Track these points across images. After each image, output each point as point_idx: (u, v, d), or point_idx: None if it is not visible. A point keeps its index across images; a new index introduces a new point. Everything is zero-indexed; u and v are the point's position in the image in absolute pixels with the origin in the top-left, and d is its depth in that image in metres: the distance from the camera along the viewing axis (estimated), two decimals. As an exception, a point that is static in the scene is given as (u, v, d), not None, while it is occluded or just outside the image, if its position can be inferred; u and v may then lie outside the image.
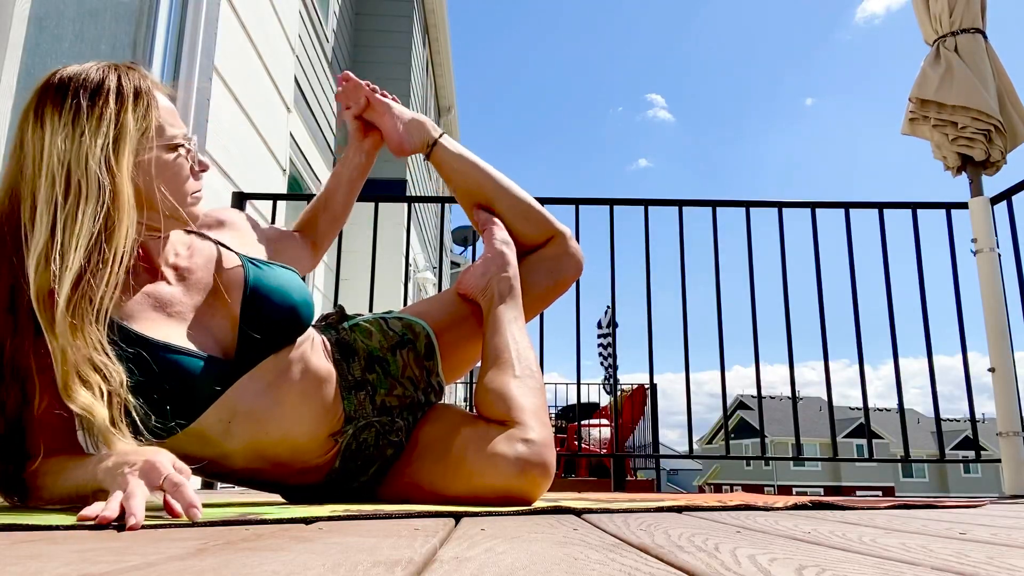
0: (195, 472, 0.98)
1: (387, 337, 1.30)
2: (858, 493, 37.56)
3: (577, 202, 2.65)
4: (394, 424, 1.25)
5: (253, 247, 1.26)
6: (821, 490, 39.12)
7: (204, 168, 1.13)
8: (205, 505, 1.00)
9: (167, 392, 1.00)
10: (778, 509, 1.12)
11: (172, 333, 1.05)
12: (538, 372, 1.28)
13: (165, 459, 0.82)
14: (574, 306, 2.59)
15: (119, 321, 0.99)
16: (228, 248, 1.19)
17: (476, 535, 0.68)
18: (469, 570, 0.46)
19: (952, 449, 38.58)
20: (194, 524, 0.76)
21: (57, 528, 0.71)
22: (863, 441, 37.29)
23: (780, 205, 2.69)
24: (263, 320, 1.11)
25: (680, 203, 2.71)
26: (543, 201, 1.71)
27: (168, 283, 1.10)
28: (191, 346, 1.05)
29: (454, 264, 12.86)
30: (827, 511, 1.14)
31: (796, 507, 1.16)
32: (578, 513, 0.98)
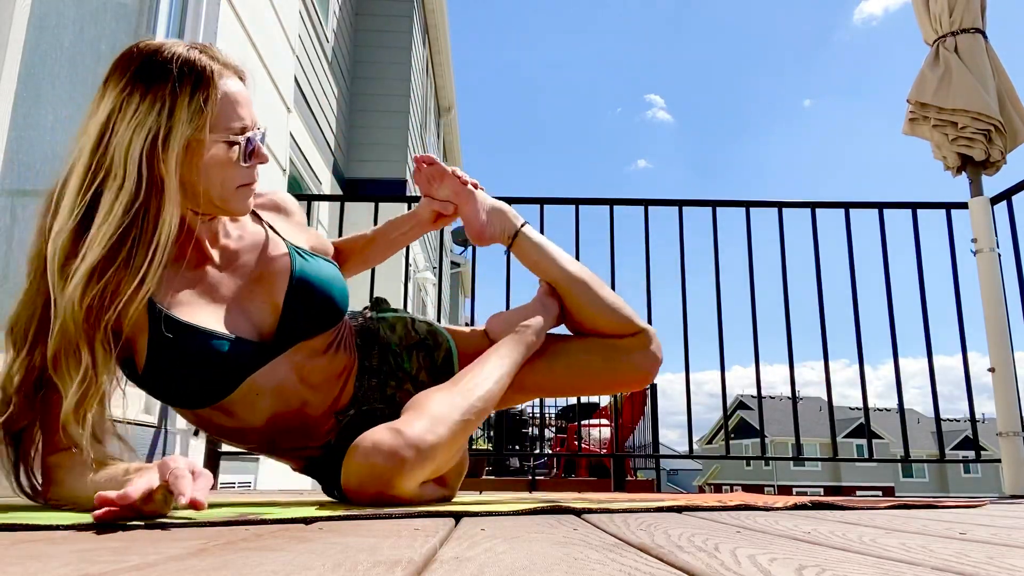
0: (215, 438, 1.03)
1: (408, 335, 1.33)
2: (858, 493, 37.56)
3: (577, 202, 2.65)
4: (396, 416, 1.25)
5: (299, 237, 1.29)
6: (821, 490, 39.12)
7: (261, 160, 1.12)
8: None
9: (201, 372, 1.06)
10: (778, 509, 1.12)
11: (210, 317, 1.08)
12: (477, 402, 1.17)
13: (181, 461, 0.83)
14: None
15: (159, 304, 1.03)
16: (278, 234, 1.23)
17: (476, 535, 0.68)
18: (469, 570, 0.46)
19: (952, 449, 38.57)
20: (194, 524, 0.76)
21: (57, 528, 0.71)
22: (863, 441, 37.29)
23: (780, 205, 2.69)
24: (305, 309, 1.16)
25: (680, 203, 2.71)
26: (543, 201, 1.71)
27: (214, 265, 1.14)
28: (226, 330, 1.09)
29: (454, 264, 12.86)
30: (827, 511, 1.14)
31: (796, 507, 1.16)
32: (578, 513, 0.98)
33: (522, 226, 1.47)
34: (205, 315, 1.08)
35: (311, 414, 1.20)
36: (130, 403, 2.00)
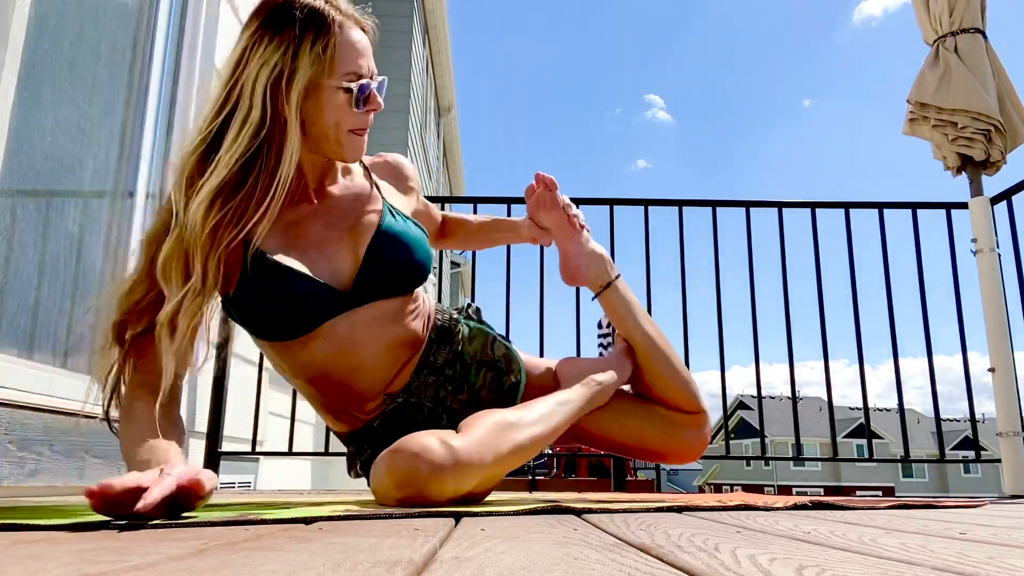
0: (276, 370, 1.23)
1: (483, 352, 1.35)
2: (858, 493, 37.55)
3: (577, 202, 2.65)
4: (441, 420, 1.28)
5: (402, 200, 1.36)
6: (821, 490, 39.11)
7: (374, 107, 1.18)
8: (205, 506, 1.00)
9: (280, 308, 1.14)
10: (778, 509, 1.12)
11: (299, 258, 1.15)
12: (528, 441, 1.18)
13: (182, 469, 0.84)
14: (574, 306, 2.59)
15: (254, 241, 1.11)
16: (380, 193, 1.29)
17: (476, 535, 0.68)
18: (469, 570, 0.46)
19: (952, 449, 38.56)
20: (194, 524, 0.76)
21: (57, 528, 0.71)
22: (863, 441, 37.27)
23: (780, 205, 2.69)
24: (384, 265, 1.21)
25: (680, 203, 2.71)
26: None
27: (314, 209, 1.22)
28: (309, 272, 1.15)
29: (454, 264, 12.85)
30: (827, 511, 1.13)
31: (796, 507, 1.16)
32: (578, 513, 0.98)
33: (616, 278, 1.48)
34: (294, 255, 1.15)
35: (360, 380, 1.23)
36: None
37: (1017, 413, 2.38)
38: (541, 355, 1.85)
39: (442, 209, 2.91)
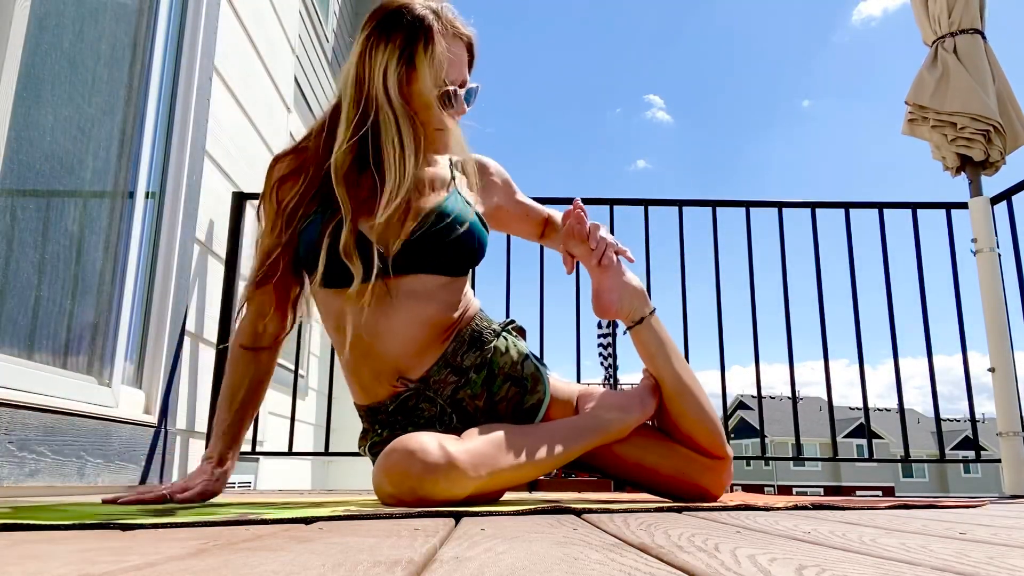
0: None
1: (513, 368, 1.35)
2: (858, 493, 37.55)
3: (577, 202, 2.65)
4: (452, 419, 1.30)
5: (478, 194, 1.45)
6: (821, 490, 39.12)
7: (457, 111, 1.36)
8: (206, 506, 1.01)
9: (332, 254, 1.25)
10: (778, 509, 1.12)
11: (363, 216, 1.27)
12: (529, 467, 1.21)
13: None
14: (574, 306, 2.59)
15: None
16: (454, 181, 1.40)
17: (476, 535, 0.68)
18: (469, 570, 0.46)
19: (952, 449, 38.57)
20: (194, 524, 0.76)
21: (57, 528, 0.71)
22: (863, 441, 37.28)
23: (780, 205, 2.69)
24: (428, 240, 1.28)
25: (680, 203, 2.70)
26: (543, 201, 1.71)
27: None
28: (364, 231, 1.26)
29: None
30: (827, 511, 1.13)
31: (796, 508, 1.16)
32: (578, 513, 0.98)
33: (651, 314, 1.47)
34: (364, 217, 1.27)
35: (384, 346, 1.28)
36: (130, 404, 2.00)
37: (1017, 413, 2.38)
38: (541, 355, 1.85)
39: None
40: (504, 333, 1.39)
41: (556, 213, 1.66)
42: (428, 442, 1.07)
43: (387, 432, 1.31)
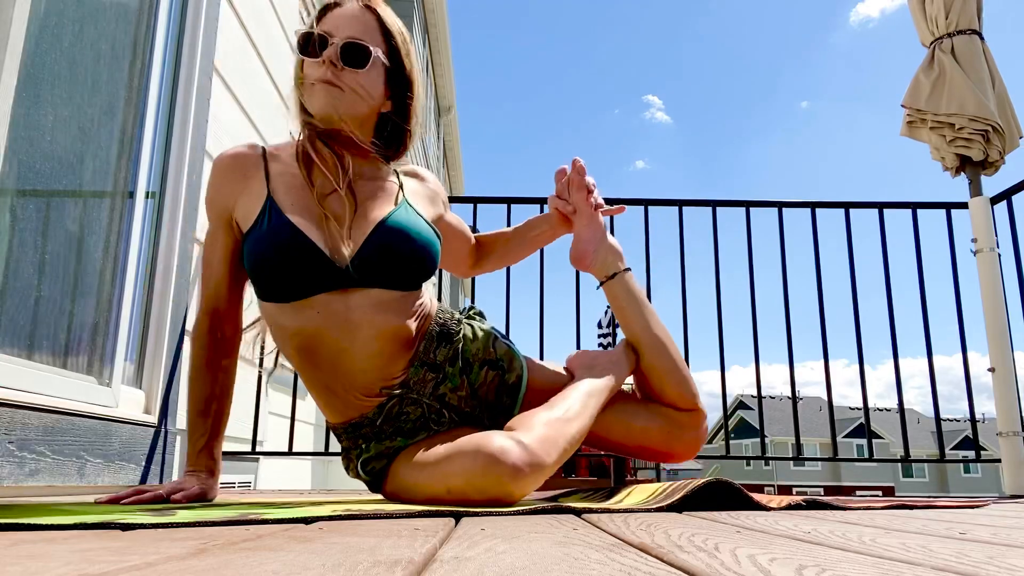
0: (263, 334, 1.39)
1: (486, 350, 1.36)
2: (858, 493, 37.55)
3: (577, 202, 2.64)
4: (441, 416, 1.29)
5: (423, 204, 1.40)
6: (821, 490, 39.09)
7: (308, 55, 1.29)
8: (206, 506, 1.01)
9: (280, 264, 1.20)
10: (773, 509, 1.12)
11: (310, 224, 1.22)
12: (576, 433, 1.23)
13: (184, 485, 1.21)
14: (574, 306, 2.59)
15: (275, 199, 1.24)
16: (402, 191, 1.36)
17: (476, 535, 0.68)
18: (469, 570, 0.46)
19: (952, 449, 38.56)
20: (194, 524, 0.76)
21: (57, 528, 0.71)
22: (863, 441, 37.26)
23: (780, 205, 2.69)
24: (380, 252, 1.24)
25: (680, 203, 2.70)
26: (543, 201, 1.72)
27: (339, 193, 1.28)
28: (314, 239, 1.21)
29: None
30: (827, 511, 1.13)
31: (791, 507, 1.16)
32: (578, 513, 0.98)
33: (624, 271, 1.50)
34: (307, 220, 1.22)
35: (347, 363, 1.24)
36: (130, 404, 2.00)
37: (1017, 413, 2.38)
38: (541, 356, 1.86)
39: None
40: (467, 320, 1.39)
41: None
42: (506, 443, 1.07)
43: (375, 445, 1.28)
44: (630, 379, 1.48)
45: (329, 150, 1.30)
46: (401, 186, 1.38)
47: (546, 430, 1.16)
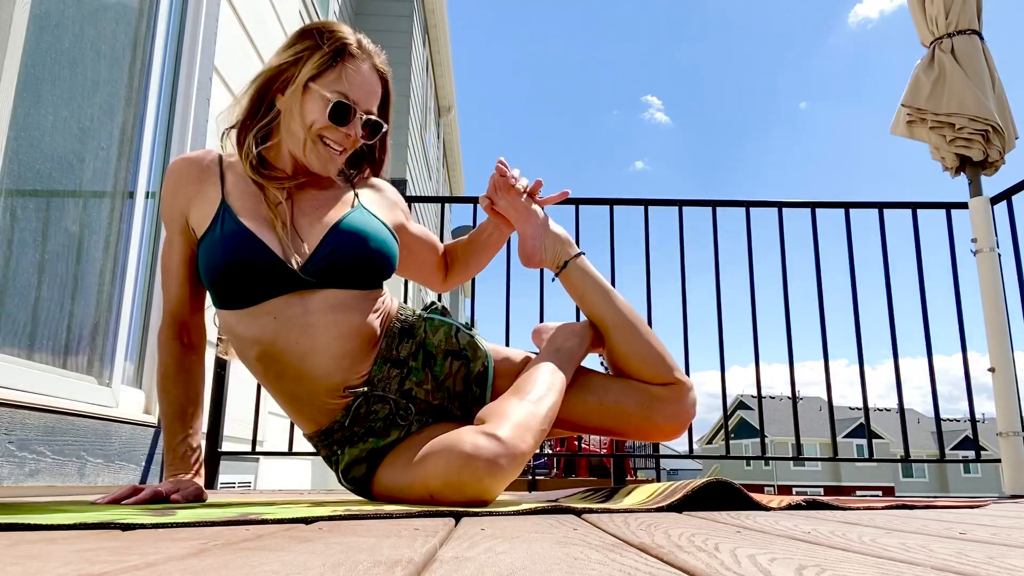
0: (225, 344, 1.35)
1: (448, 341, 1.34)
2: (858, 493, 37.55)
3: (577, 202, 2.65)
4: (408, 412, 1.28)
5: (384, 212, 1.40)
6: (821, 490, 39.10)
7: (348, 131, 1.30)
8: (206, 506, 1.01)
9: (234, 267, 1.21)
10: (773, 509, 1.12)
11: (263, 228, 1.23)
12: (549, 412, 1.22)
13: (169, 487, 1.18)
14: (574, 306, 2.58)
15: (229, 203, 1.25)
16: (357, 198, 1.36)
17: (476, 535, 0.68)
18: (469, 570, 0.46)
19: (952, 449, 38.56)
20: (194, 524, 0.76)
21: (57, 528, 0.71)
22: (863, 441, 37.27)
23: (780, 205, 2.69)
24: (334, 254, 1.25)
25: (680, 203, 2.70)
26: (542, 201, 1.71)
27: (293, 194, 1.31)
28: (267, 242, 1.21)
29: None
30: (827, 511, 1.13)
31: (791, 507, 1.16)
32: (578, 513, 0.98)
33: (576, 256, 1.47)
34: (260, 225, 1.23)
35: (311, 367, 1.24)
36: (130, 404, 2.00)
37: (1017, 413, 2.38)
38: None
39: (442, 209, 2.85)
40: (430, 315, 1.38)
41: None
42: (478, 440, 1.06)
43: (348, 450, 1.28)
44: (597, 358, 1.48)
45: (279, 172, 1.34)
46: (356, 195, 1.38)
47: (517, 416, 1.14)
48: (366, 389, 1.26)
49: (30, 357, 1.58)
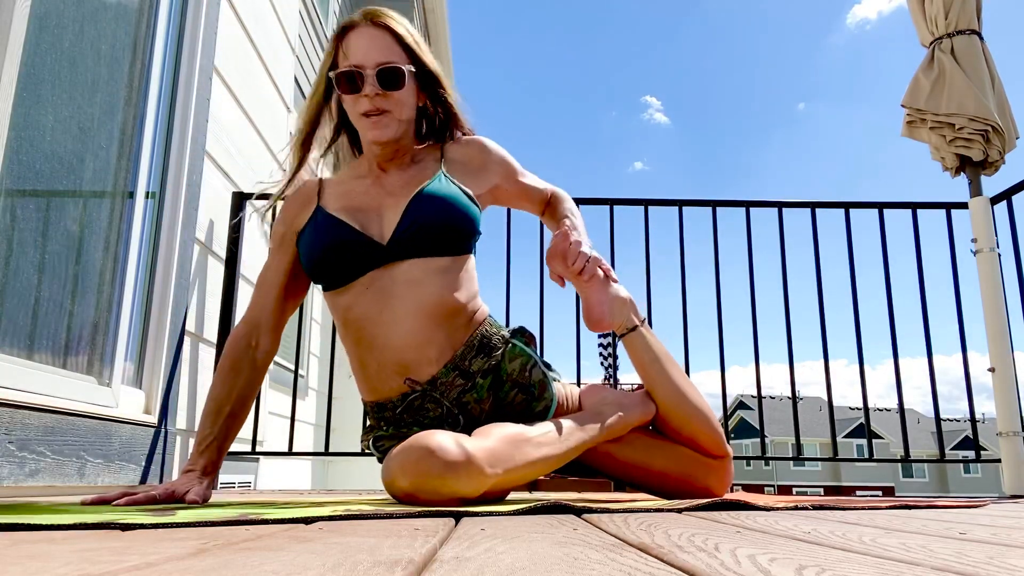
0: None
1: (520, 373, 1.37)
2: (858, 493, 37.55)
3: (577, 202, 2.64)
4: (457, 422, 1.32)
5: (474, 177, 1.46)
6: (821, 490, 39.11)
7: (343, 90, 1.37)
8: (206, 506, 1.01)
9: (330, 254, 1.33)
10: (778, 509, 1.12)
11: (353, 215, 1.35)
12: (539, 462, 1.23)
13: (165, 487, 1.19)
14: (574, 306, 2.59)
15: (322, 201, 1.40)
16: (442, 168, 1.42)
17: (476, 535, 0.68)
18: (469, 570, 0.46)
19: (952, 449, 38.56)
20: (194, 524, 0.76)
21: (57, 528, 0.71)
22: (863, 441, 37.27)
23: (780, 205, 2.69)
24: (415, 222, 1.32)
25: (680, 203, 2.70)
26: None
27: (376, 180, 1.41)
28: (358, 227, 1.33)
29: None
30: (827, 511, 1.13)
31: (796, 508, 1.16)
32: (578, 513, 0.98)
33: (641, 323, 1.48)
34: (350, 214, 1.35)
35: (390, 336, 1.30)
36: (130, 404, 2.00)
37: (1017, 413, 2.38)
38: (541, 354, 1.85)
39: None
40: (513, 340, 1.40)
41: (559, 191, 1.69)
42: (446, 441, 1.08)
43: (392, 429, 1.33)
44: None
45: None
46: (443, 165, 1.44)
47: (500, 445, 1.16)
48: (427, 388, 1.30)
49: (30, 357, 1.58)
